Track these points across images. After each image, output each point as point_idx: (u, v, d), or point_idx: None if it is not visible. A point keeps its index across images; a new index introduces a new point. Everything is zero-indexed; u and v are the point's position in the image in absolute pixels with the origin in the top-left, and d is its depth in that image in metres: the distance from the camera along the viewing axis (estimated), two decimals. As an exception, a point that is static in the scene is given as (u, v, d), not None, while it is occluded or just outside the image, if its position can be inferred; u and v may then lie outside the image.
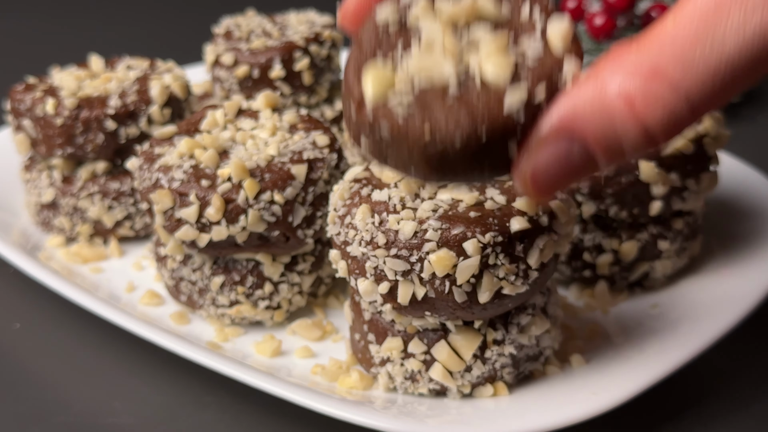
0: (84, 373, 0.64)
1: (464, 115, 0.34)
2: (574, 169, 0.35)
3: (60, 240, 0.78)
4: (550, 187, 0.36)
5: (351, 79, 0.37)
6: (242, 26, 0.91)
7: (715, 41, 0.32)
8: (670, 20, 0.33)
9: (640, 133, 0.34)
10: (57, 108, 0.74)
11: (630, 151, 0.34)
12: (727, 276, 0.67)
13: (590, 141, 0.34)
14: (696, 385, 0.61)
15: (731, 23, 0.32)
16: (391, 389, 0.58)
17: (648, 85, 0.33)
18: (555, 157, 0.35)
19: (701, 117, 0.34)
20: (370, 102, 0.36)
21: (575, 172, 0.36)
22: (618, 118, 0.33)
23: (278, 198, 0.61)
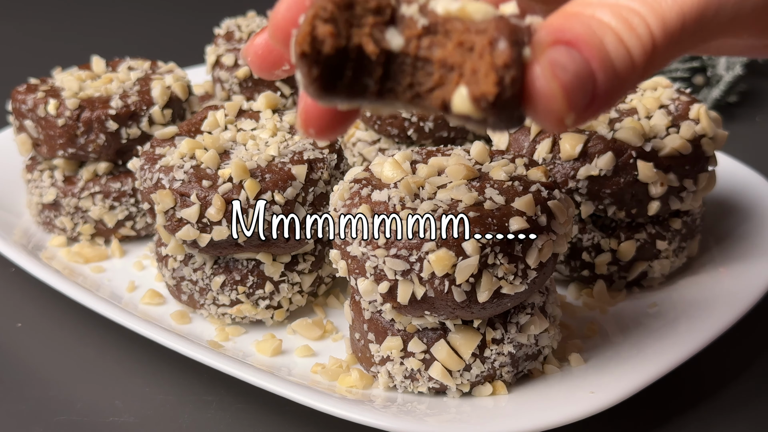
0: (86, 372, 0.64)
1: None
2: (582, 80, 0.32)
3: (61, 240, 0.78)
4: (578, 97, 0.32)
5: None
6: (243, 27, 0.91)
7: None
8: None
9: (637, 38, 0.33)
10: (59, 109, 0.74)
11: (625, 60, 0.33)
12: (725, 275, 0.67)
13: (582, 48, 0.33)
14: (694, 384, 0.61)
15: None
16: (391, 388, 0.58)
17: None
18: (559, 67, 0.32)
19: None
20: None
21: (585, 84, 0.32)
22: (605, 25, 0.33)
23: (279, 198, 0.61)
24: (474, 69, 0.33)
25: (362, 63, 0.35)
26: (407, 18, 0.35)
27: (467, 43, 0.33)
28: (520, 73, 0.32)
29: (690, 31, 0.34)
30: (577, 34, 0.33)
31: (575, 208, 0.57)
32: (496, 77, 0.32)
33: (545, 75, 0.32)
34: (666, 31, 0.33)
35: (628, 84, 0.34)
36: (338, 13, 0.34)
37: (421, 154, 0.58)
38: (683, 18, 0.34)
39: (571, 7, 0.34)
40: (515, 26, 0.33)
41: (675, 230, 0.66)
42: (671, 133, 0.63)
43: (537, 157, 0.64)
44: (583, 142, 0.62)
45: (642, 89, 0.69)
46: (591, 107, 0.33)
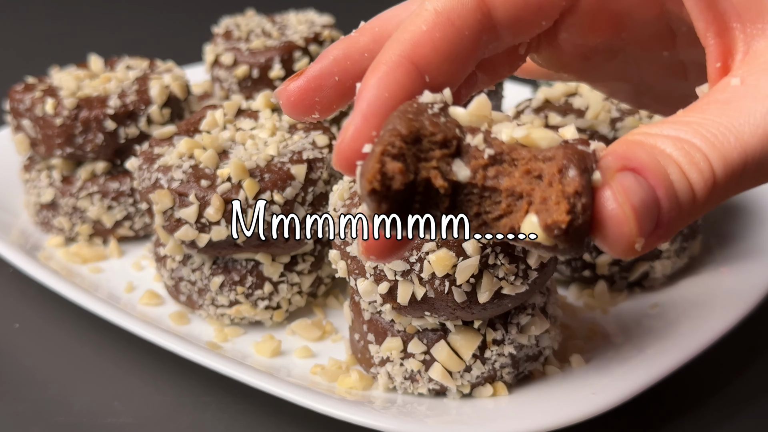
0: (84, 373, 0.64)
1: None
2: (650, 205, 0.33)
3: (59, 240, 0.78)
4: (647, 221, 0.34)
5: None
6: (242, 26, 0.91)
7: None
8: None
9: (699, 173, 0.34)
10: (56, 108, 0.73)
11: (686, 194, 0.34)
12: (727, 275, 0.67)
13: (648, 175, 0.33)
14: (696, 384, 0.60)
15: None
16: (391, 389, 0.57)
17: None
18: (630, 193, 0.33)
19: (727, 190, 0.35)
20: None
21: (652, 208, 0.34)
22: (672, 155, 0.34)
23: (278, 198, 0.61)
24: (544, 197, 0.33)
25: (430, 195, 0.35)
26: (473, 148, 0.35)
27: (535, 171, 0.34)
28: (590, 200, 0.33)
29: (753, 171, 0.35)
30: (643, 162, 0.33)
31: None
32: (568, 205, 0.32)
33: (617, 199, 0.33)
34: (727, 170, 0.34)
35: (689, 216, 0.35)
36: (406, 148, 0.34)
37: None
38: (745, 158, 0.34)
39: (633, 135, 0.35)
40: (582, 153, 0.34)
41: (677, 230, 0.66)
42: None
43: None
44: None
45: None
46: (654, 234, 0.34)
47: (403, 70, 0.38)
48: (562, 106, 0.67)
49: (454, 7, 0.39)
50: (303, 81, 0.43)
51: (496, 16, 0.40)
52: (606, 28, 0.44)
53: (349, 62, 0.43)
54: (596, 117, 0.64)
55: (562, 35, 0.44)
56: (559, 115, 0.65)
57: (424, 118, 0.35)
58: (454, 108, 0.37)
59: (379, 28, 0.44)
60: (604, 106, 0.65)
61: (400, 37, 0.39)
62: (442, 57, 0.39)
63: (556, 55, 0.47)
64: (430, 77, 0.39)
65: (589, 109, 0.65)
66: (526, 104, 0.69)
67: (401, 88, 0.38)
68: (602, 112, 0.64)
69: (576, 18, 0.42)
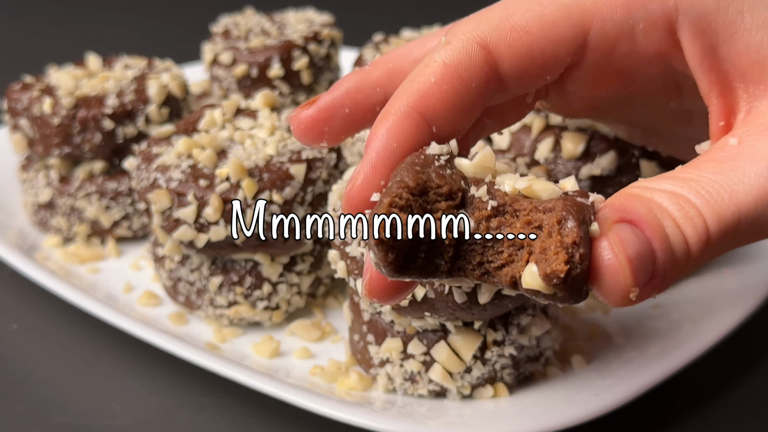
0: (81, 374, 0.64)
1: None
2: (645, 258, 0.34)
3: (57, 240, 0.77)
4: (644, 273, 0.35)
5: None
6: (241, 25, 0.91)
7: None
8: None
9: (692, 226, 0.35)
10: (54, 107, 0.73)
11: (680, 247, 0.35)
12: (730, 276, 0.66)
13: (645, 228, 0.34)
14: (698, 386, 0.60)
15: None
16: (391, 390, 0.57)
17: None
18: (625, 244, 0.34)
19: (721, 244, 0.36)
20: None
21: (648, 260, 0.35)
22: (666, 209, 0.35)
23: (277, 198, 0.60)
24: (543, 247, 0.35)
25: (435, 246, 0.37)
26: (477, 199, 0.37)
27: (535, 222, 0.35)
28: (588, 250, 0.34)
29: (746, 229, 0.36)
30: (640, 215, 0.35)
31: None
32: (566, 255, 0.34)
33: (614, 249, 0.34)
34: (721, 226, 0.35)
35: (684, 269, 0.36)
36: (413, 200, 0.36)
37: (422, 154, 0.58)
38: (739, 216, 0.35)
39: (630, 189, 0.37)
40: (581, 204, 0.35)
41: (678, 230, 0.66)
42: (674, 131, 0.63)
43: (538, 157, 0.63)
44: (585, 142, 0.62)
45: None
46: (648, 286, 0.35)
47: (411, 121, 0.39)
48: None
49: (461, 60, 0.40)
50: (314, 110, 0.45)
51: (503, 70, 0.41)
52: (612, 82, 0.44)
53: (361, 95, 0.45)
54: (597, 116, 0.64)
55: (569, 87, 0.45)
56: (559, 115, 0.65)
57: (431, 170, 0.37)
58: (459, 159, 0.39)
59: (393, 63, 0.46)
60: (605, 105, 0.64)
61: (408, 88, 0.40)
62: (450, 108, 0.40)
63: (564, 104, 0.48)
64: (438, 127, 0.40)
65: (590, 108, 0.65)
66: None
67: (409, 138, 0.39)
68: (603, 112, 0.64)
69: (581, 72, 0.43)
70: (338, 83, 0.45)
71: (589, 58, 0.42)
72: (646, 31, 0.40)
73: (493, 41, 0.41)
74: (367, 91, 0.45)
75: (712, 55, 0.39)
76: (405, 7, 1.55)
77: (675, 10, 0.39)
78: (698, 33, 0.39)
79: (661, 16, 0.40)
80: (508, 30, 0.41)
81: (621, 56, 0.42)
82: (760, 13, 0.38)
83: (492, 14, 0.42)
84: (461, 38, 0.41)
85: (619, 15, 0.40)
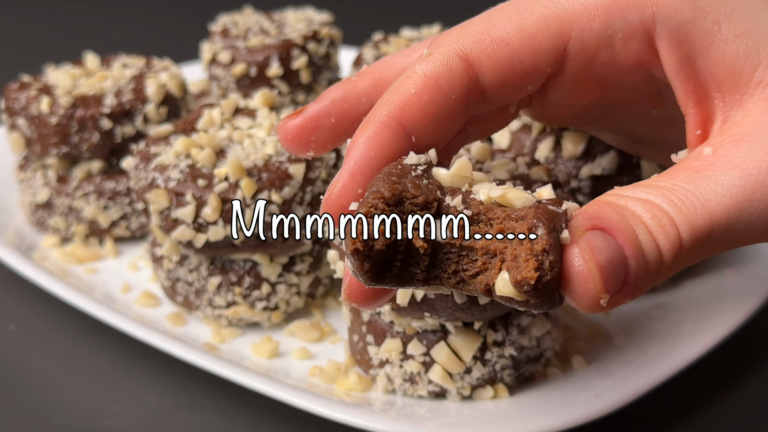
0: (79, 375, 0.63)
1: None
2: (618, 264, 0.35)
3: (55, 240, 0.77)
4: (615, 280, 0.35)
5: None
6: (239, 24, 0.91)
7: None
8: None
9: (666, 235, 0.35)
10: (52, 107, 0.73)
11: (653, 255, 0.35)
12: (731, 276, 0.66)
13: (617, 235, 0.35)
14: (700, 387, 0.60)
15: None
16: (390, 391, 0.57)
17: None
18: (596, 250, 0.35)
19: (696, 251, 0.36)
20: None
21: (620, 267, 0.35)
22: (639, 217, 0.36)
23: (276, 198, 0.60)
24: (514, 255, 0.35)
25: (410, 254, 0.38)
26: (452, 209, 0.38)
27: (508, 230, 0.36)
28: (558, 257, 0.35)
29: (719, 238, 0.36)
30: (613, 222, 0.35)
31: (578, 208, 0.56)
32: (536, 263, 0.34)
33: (584, 257, 0.34)
34: (693, 235, 0.36)
35: (656, 277, 0.36)
36: (389, 210, 0.37)
37: (421, 153, 0.58)
38: (711, 225, 0.36)
39: (605, 197, 0.37)
40: (553, 212, 0.36)
41: (679, 230, 0.66)
42: (675, 131, 0.63)
43: (539, 156, 0.63)
44: (585, 141, 0.62)
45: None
46: (621, 292, 0.35)
47: (391, 131, 0.40)
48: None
49: (442, 72, 0.41)
50: (300, 120, 0.46)
51: (484, 81, 0.42)
52: (593, 91, 0.45)
53: (347, 105, 0.45)
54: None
55: (551, 96, 0.45)
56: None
57: (408, 180, 0.38)
58: (437, 169, 0.40)
59: (379, 73, 0.46)
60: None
61: (389, 98, 0.41)
62: (429, 119, 0.41)
63: (547, 112, 0.48)
64: (417, 137, 0.41)
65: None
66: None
67: (388, 147, 0.40)
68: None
69: (562, 82, 0.44)
70: (324, 93, 0.46)
71: (569, 68, 0.43)
72: (625, 40, 0.41)
73: (474, 53, 0.41)
74: (353, 101, 0.45)
75: (689, 64, 0.39)
76: (405, 5, 1.55)
77: (653, 20, 0.40)
78: (675, 43, 0.39)
79: (639, 26, 0.40)
80: (489, 42, 0.41)
81: (601, 65, 0.42)
82: (737, 23, 0.39)
83: (473, 26, 0.42)
84: (442, 50, 0.41)
85: (597, 25, 0.41)
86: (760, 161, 0.36)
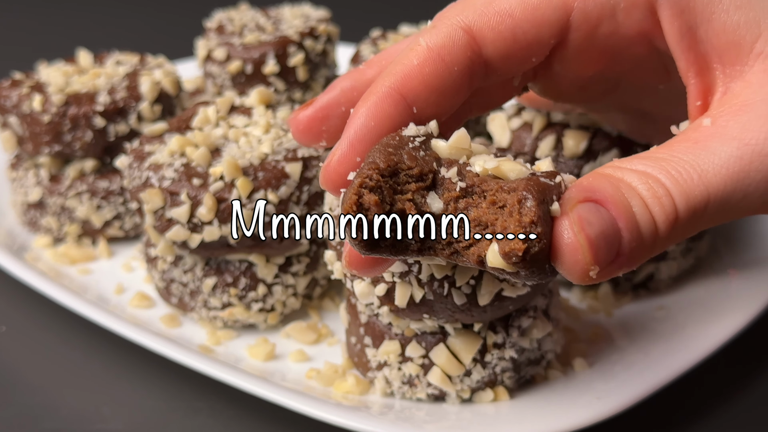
0: (72, 378, 0.63)
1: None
2: (610, 234, 0.35)
3: (47, 240, 0.77)
4: (607, 252, 0.35)
5: None
6: (235, 20, 0.91)
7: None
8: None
9: (660, 206, 0.36)
10: (44, 105, 0.72)
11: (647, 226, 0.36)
12: (735, 277, 0.66)
13: (610, 207, 0.35)
14: (703, 390, 0.60)
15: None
16: (389, 394, 0.57)
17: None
18: (588, 222, 0.35)
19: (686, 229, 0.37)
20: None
21: (613, 238, 0.35)
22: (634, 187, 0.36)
23: (272, 197, 0.60)
24: (504, 226, 0.36)
25: (405, 225, 0.38)
26: (447, 180, 0.38)
27: (500, 202, 0.37)
28: (547, 229, 0.35)
29: (715, 209, 0.37)
30: (607, 194, 0.35)
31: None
32: (524, 234, 0.35)
33: (572, 229, 0.35)
34: (689, 206, 0.36)
35: (652, 249, 0.36)
36: (383, 181, 0.38)
37: (420, 152, 0.57)
38: (708, 197, 0.36)
39: (602, 169, 0.38)
40: (544, 185, 0.36)
41: (682, 230, 0.65)
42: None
43: (540, 155, 0.63)
44: (587, 139, 0.61)
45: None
46: (615, 263, 0.36)
47: (391, 101, 0.41)
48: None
49: (444, 44, 0.42)
50: (311, 110, 0.47)
51: (487, 54, 0.43)
52: (597, 62, 0.45)
53: (356, 93, 0.46)
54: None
55: (556, 67, 0.46)
56: (560, 113, 0.64)
57: (404, 151, 0.39)
58: (436, 141, 0.40)
59: (386, 61, 0.47)
60: (607, 102, 0.64)
61: (392, 70, 0.42)
62: (431, 91, 0.42)
63: (552, 86, 0.49)
64: (418, 109, 0.42)
65: (592, 105, 0.64)
66: (527, 101, 0.68)
67: (388, 118, 0.41)
68: (606, 109, 0.63)
69: (566, 53, 0.44)
70: (334, 83, 0.47)
71: (572, 39, 0.43)
72: (627, 10, 0.41)
73: (477, 26, 0.42)
74: (362, 89, 0.46)
75: (691, 35, 0.40)
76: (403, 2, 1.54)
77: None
78: (677, 13, 0.40)
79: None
80: (492, 14, 0.42)
81: (604, 36, 0.43)
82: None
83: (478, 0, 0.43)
84: (446, 23, 0.42)
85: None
86: (758, 132, 0.36)
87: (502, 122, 0.66)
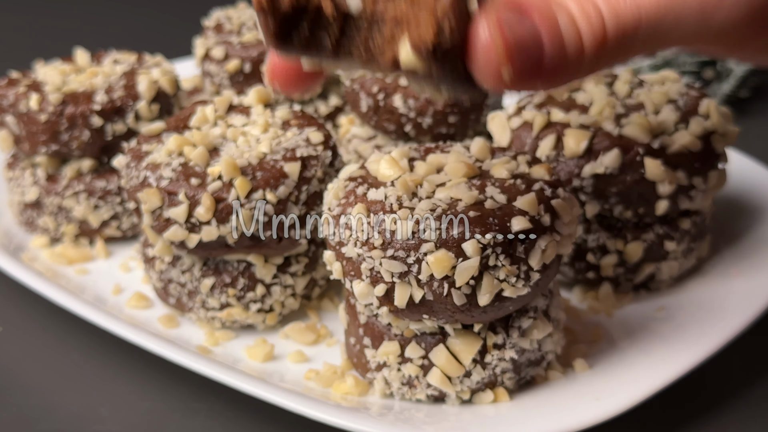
0: (69, 379, 0.63)
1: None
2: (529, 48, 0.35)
3: (44, 240, 0.76)
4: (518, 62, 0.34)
5: None
6: (233, 19, 0.91)
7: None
8: None
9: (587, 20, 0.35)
10: (41, 104, 0.72)
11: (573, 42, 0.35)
12: (736, 277, 0.66)
13: (534, 15, 0.35)
14: (704, 390, 0.60)
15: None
16: (388, 395, 0.56)
17: None
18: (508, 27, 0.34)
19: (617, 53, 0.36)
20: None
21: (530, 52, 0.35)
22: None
23: (270, 197, 0.59)
24: (418, 20, 0.35)
25: (320, 21, 0.37)
26: None
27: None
28: (462, 24, 0.34)
29: (645, 34, 0.36)
30: (534, 4, 0.35)
31: (580, 208, 0.56)
32: (436, 25, 0.34)
33: (489, 26, 0.34)
34: (619, 28, 0.35)
35: (575, 69, 0.36)
36: None
37: (420, 151, 0.57)
38: (639, 19, 0.35)
39: None
40: None
41: (684, 230, 0.65)
42: (680, 129, 0.62)
43: (540, 155, 0.63)
44: (588, 139, 0.61)
45: (650, 83, 0.68)
46: (534, 75, 0.35)
47: None
48: (565, 101, 0.66)
49: None
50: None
51: None
52: None
53: None
54: (600, 113, 0.63)
55: None
56: (561, 111, 0.64)
57: None
58: None
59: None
60: (608, 101, 0.64)
61: None
62: None
63: None
64: None
65: (593, 104, 0.64)
66: (527, 100, 0.68)
67: None
68: (606, 108, 0.63)
69: None
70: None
71: None
72: None
73: None
74: None
75: None
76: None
77: None
78: None
79: None
80: None
81: None
82: None
83: None
84: None
85: None
86: None
87: (502, 121, 0.66)
